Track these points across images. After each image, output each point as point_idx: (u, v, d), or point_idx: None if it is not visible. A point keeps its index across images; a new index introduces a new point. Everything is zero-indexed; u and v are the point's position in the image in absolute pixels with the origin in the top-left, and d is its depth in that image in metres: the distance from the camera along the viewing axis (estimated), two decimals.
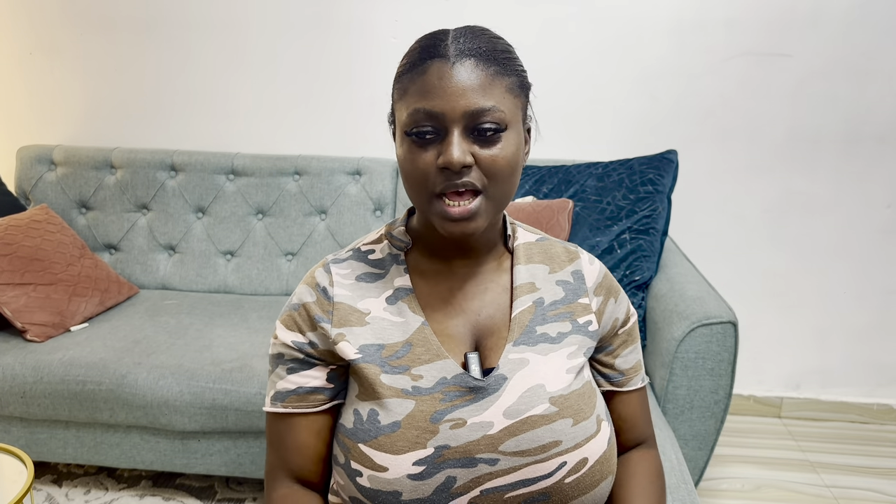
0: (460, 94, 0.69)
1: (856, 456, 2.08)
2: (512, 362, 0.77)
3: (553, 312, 0.81)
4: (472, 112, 0.69)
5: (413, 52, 0.73)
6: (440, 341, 0.78)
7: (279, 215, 2.15)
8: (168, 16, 2.23)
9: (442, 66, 0.70)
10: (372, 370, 0.75)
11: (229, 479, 1.86)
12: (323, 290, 0.80)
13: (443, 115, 0.69)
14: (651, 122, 2.16)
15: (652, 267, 1.73)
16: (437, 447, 0.71)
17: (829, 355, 2.28)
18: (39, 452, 1.73)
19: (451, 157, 0.69)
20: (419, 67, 0.71)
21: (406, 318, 0.78)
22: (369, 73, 2.22)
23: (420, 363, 0.76)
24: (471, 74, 0.70)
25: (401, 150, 0.74)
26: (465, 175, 0.70)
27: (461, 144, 0.70)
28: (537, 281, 0.83)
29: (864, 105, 2.09)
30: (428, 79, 0.70)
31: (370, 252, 0.84)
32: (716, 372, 1.47)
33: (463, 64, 0.70)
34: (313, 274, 0.83)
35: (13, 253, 1.79)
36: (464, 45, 0.71)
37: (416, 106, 0.70)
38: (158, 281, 2.17)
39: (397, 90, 0.75)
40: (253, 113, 2.29)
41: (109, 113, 2.33)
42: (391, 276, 0.81)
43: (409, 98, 0.72)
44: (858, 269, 2.20)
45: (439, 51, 0.71)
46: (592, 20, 2.11)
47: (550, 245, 0.87)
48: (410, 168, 0.72)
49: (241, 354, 1.70)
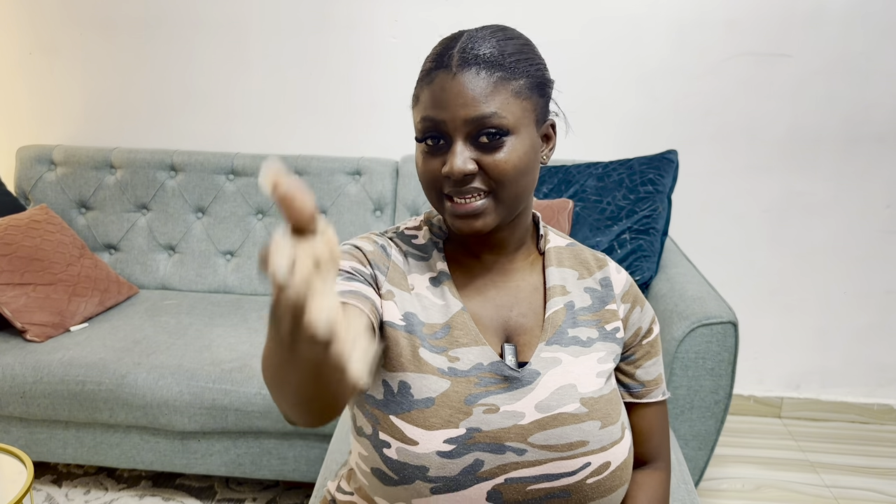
0: (461, 104, 0.71)
1: (856, 456, 2.08)
2: (545, 360, 0.78)
3: (583, 318, 0.82)
4: (472, 120, 0.71)
5: (427, 60, 0.76)
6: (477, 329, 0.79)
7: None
8: (168, 16, 2.23)
9: (445, 77, 0.72)
10: (413, 341, 0.76)
11: (229, 479, 1.86)
12: (382, 246, 0.82)
13: (444, 123, 0.72)
14: (651, 122, 2.16)
15: (652, 267, 1.73)
16: (469, 428, 0.72)
17: (829, 355, 2.28)
18: (39, 452, 1.73)
19: (452, 168, 0.72)
20: (428, 77, 0.74)
21: (447, 302, 0.80)
22: (369, 73, 2.22)
23: (458, 346, 0.77)
24: (471, 83, 0.72)
25: (416, 155, 0.78)
26: (469, 182, 0.73)
27: (463, 153, 0.72)
28: (568, 285, 0.84)
29: (864, 105, 2.09)
30: (434, 89, 0.73)
31: (413, 237, 0.86)
32: (716, 372, 1.47)
33: (464, 74, 0.72)
34: (368, 236, 0.83)
35: (13, 253, 1.79)
36: (468, 54, 0.72)
37: (423, 115, 0.74)
38: (158, 281, 2.17)
39: (413, 96, 0.78)
40: (253, 113, 2.29)
41: (109, 113, 2.33)
42: (433, 260, 0.83)
43: (419, 106, 0.75)
44: (858, 269, 2.20)
45: (444, 61, 0.73)
46: (592, 20, 2.11)
47: (580, 251, 0.88)
48: (422, 172, 0.76)
49: (241, 354, 1.70)
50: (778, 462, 2.04)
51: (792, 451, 2.11)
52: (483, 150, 0.73)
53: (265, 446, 1.67)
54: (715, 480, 1.94)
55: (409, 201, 2.12)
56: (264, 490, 1.82)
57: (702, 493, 1.88)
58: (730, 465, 2.02)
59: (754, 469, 2.00)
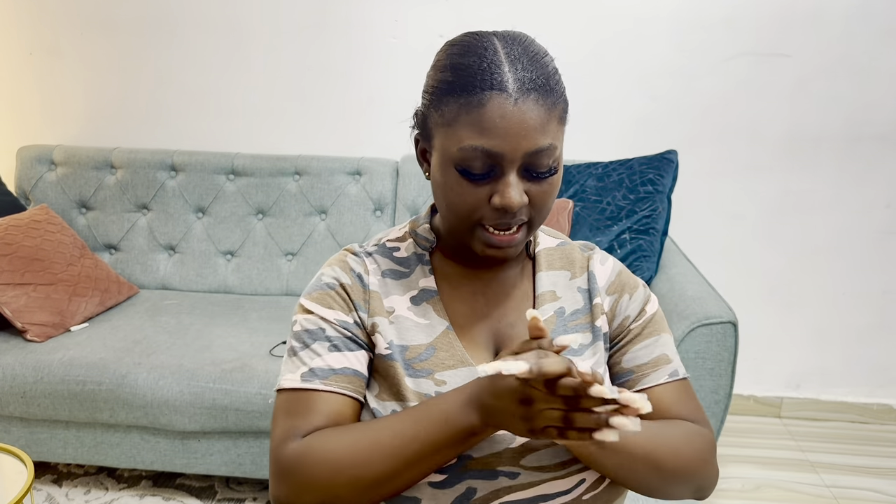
0: (523, 136, 0.65)
1: (856, 456, 2.08)
2: None
3: (574, 323, 0.79)
4: (532, 153, 0.66)
5: (461, 73, 0.67)
6: (463, 346, 0.76)
7: (279, 215, 2.15)
8: (168, 16, 2.23)
9: (503, 103, 0.65)
10: (397, 370, 0.74)
11: (229, 479, 1.86)
12: (358, 276, 0.78)
13: (502, 156, 0.66)
14: (651, 122, 2.16)
15: (652, 267, 1.74)
16: (460, 456, 0.70)
17: (829, 355, 2.28)
18: (39, 452, 1.73)
19: (511, 202, 0.67)
20: (475, 97, 0.65)
21: (430, 321, 0.77)
22: (369, 73, 2.22)
23: (444, 368, 0.74)
24: (533, 112, 0.65)
25: (443, 178, 0.70)
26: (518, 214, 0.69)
27: (518, 185, 0.67)
28: (558, 289, 0.81)
29: (864, 105, 2.08)
30: (487, 115, 0.65)
31: (395, 249, 0.81)
32: (716, 372, 1.47)
33: (526, 101, 0.65)
34: (344, 259, 0.80)
35: (13, 253, 1.79)
36: (524, 76, 0.66)
37: (473, 143, 0.66)
38: (158, 281, 2.17)
39: (438, 111, 0.69)
40: (253, 113, 2.29)
41: (110, 113, 2.33)
42: (416, 276, 0.79)
43: (460, 130, 0.67)
44: (858, 269, 2.20)
45: (498, 81, 0.65)
46: (592, 20, 2.11)
47: (571, 250, 0.85)
48: (458, 201, 0.69)
49: (241, 354, 1.70)
50: (778, 462, 2.04)
51: (792, 450, 2.11)
52: (532, 181, 0.69)
53: (265, 446, 1.67)
54: None
55: (409, 201, 2.12)
56: (264, 490, 1.83)
57: None
58: (730, 464, 2.02)
59: (754, 469, 2.00)
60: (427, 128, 0.73)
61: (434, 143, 0.72)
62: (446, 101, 0.68)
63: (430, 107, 0.71)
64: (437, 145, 0.71)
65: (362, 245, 0.83)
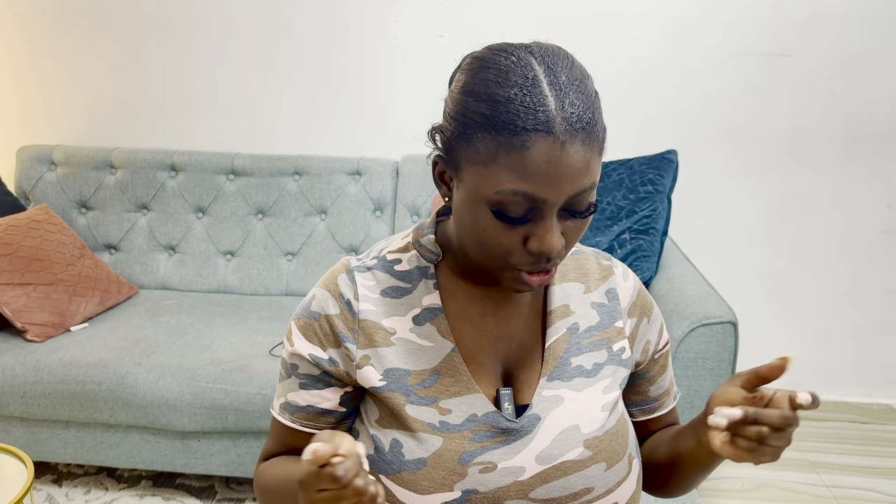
0: (568, 180, 0.60)
1: (856, 456, 2.08)
2: (546, 399, 0.72)
3: (588, 340, 0.75)
4: (575, 195, 0.61)
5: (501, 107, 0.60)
6: (470, 370, 0.72)
7: (279, 215, 2.15)
8: (168, 16, 2.23)
9: (550, 148, 0.58)
10: (397, 399, 0.70)
11: (229, 479, 1.86)
12: (347, 302, 0.73)
13: (545, 201, 0.60)
14: (651, 122, 2.16)
15: (652, 267, 1.74)
16: (464, 491, 0.67)
17: (829, 355, 2.28)
18: (39, 452, 1.73)
19: (552, 248, 0.62)
20: (517, 139, 0.59)
21: (435, 343, 0.72)
22: (370, 74, 2.22)
23: (448, 395, 0.71)
24: (580, 154, 0.59)
25: (472, 215, 0.64)
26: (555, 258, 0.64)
27: (558, 229, 0.62)
28: (572, 303, 0.76)
29: (864, 105, 2.09)
30: (532, 160, 0.59)
31: (396, 262, 0.76)
32: (716, 372, 1.47)
33: (573, 143, 0.59)
34: (335, 280, 0.75)
35: (13, 253, 1.80)
36: (570, 113, 0.59)
37: (515, 188, 0.60)
38: (158, 281, 2.17)
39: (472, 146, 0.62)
40: (253, 113, 2.29)
41: (110, 113, 2.33)
42: (419, 292, 0.74)
43: (499, 173, 0.60)
44: (858, 269, 2.20)
45: (544, 122, 0.58)
46: (592, 20, 2.11)
47: (585, 259, 0.80)
48: (491, 242, 0.63)
49: (241, 354, 1.70)
50: (778, 462, 2.04)
51: (792, 450, 2.11)
52: (569, 220, 0.64)
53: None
54: (715, 480, 1.94)
55: (409, 201, 2.12)
56: None
57: (702, 493, 1.88)
58: (730, 464, 2.02)
59: (754, 469, 2.00)
60: (454, 158, 0.65)
61: (463, 177, 0.64)
62: (482, 138, 0.61)
63: (460, 137, 0.63)
64: (468, 182, 0.63)
65: (361, 258, 0.78)
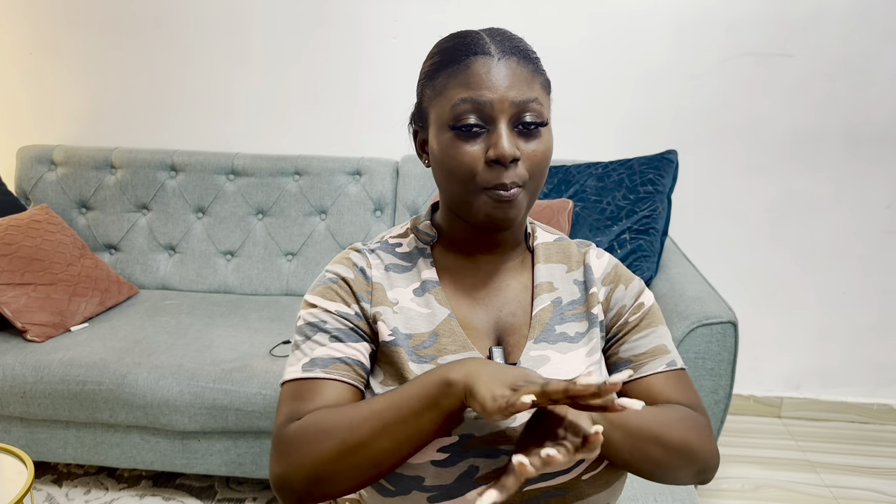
0: (508, 86, 0.71)
1: (856, 456, 2.08)
2: (533, 359, 0.78)
3: (571, 312, 0.82)
4: (520, 102, 0.71)
5: (448, 51, 0.74)
6: (465, 334, 0.79)
7: (279, 215, 2.15)
8: (168, 16, 2.23)
9: (487, 61, 0.72)
10: (401, 355, 0.76)
11: (229, 479, 1.86)
12: (361, 269, 0.81)
13: (491, 105, 0.71)
14: (651, 122, 2.16)
15: (652, 267, 1.74)
16: (461, 435, 0.72)
17: (829, 355, 2.28)
18: (39, 452, 1.73)
19: (504, 150, 0.70)
20: (460, 63, 0.72)
21: (432, 310, 0.79)
22: (370, 73, 2.22)
23: (446, 353, 0.77)
24: (516, 69, 0.72)
25: (440, 146, 0.74)
26: (511, 168, 0.72)
27: (510, 137, 0.71)
28: (555, 280, 0.84)
29: (865, 105, 2.09)
30: (473, 72, 0.72)
31: (397, 245, 0.85)
32: (716, 372, 1.47)
33: (507, 60, 0.72)
34: (347, 255, 0.83)
35: (13, 253, 1.80)
36: (503, 45, 0.73)
37: (462, 96, 0.71)
38: (158, 281, 2.17)
39: (431, 88, 0.76)
40: (253, 113, 2.29)
41: (110, 113, 2.33)
42: (418, 268, 0.83)
43: (450, 92, 0.73)
44: (858, 269, 2.20)
45: (481, 48, 0.73)
46: (592, 20, 2.11)
47: (567, 245, 0.88)
48: (455, 163, 0.73)
49: (241, 354, 1.70)
50: (778, 462, 2.04)
51: (792, 450, 2.11)
52: (522, 138, 0.73)
53: (265, 446, 1.67)
54: (715, 480, 1.94)
55: (409, 201, 2.12)
56: (264, 490, 1.83)
57: (701, 493, 1.88)
58: (730, 464, 2.02)
59: (754, 469, 2.00)
60: (423, 112, 0.78)
61: (430, 121, 0.77)
62: (437, 77, 0.75)
63: (424, 90, 0.77)
64: (433, 119, 0.76)
65: (365, 244, 0.86)
